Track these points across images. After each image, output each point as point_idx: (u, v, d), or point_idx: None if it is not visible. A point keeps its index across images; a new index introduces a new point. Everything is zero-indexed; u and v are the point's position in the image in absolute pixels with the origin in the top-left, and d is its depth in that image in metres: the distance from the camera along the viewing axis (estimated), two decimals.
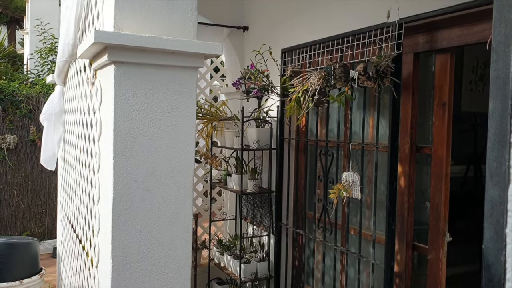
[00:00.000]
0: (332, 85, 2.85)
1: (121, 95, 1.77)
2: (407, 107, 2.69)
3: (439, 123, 2.55)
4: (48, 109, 3.35)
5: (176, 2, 1.87)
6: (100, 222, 1.99)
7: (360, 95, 2.90)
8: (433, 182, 2.58)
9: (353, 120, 3.05)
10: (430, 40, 2.58)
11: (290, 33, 3.71)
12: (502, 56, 0.80)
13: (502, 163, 0.81)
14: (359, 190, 2.77)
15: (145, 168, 1.79)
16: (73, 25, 2.50)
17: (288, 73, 3.20)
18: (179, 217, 1.87)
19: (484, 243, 0.84)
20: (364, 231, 2.91)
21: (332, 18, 3.28)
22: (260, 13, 4.23)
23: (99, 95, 1.99)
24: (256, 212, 4.00)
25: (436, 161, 2.57)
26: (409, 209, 2.70)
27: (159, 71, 1.82)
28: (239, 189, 3.71)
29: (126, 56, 1.75)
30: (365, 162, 2.90)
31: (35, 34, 7.19)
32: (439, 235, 2.54)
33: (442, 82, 2.55)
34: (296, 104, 3.02)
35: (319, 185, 3.35)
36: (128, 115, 1.77)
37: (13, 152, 5.45)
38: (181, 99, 1.88)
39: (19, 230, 5.53)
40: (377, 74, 2.57)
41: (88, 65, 2.28)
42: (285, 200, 3.66)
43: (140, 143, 1.79)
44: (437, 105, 2.58)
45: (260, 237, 3.93)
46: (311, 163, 3.51)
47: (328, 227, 3.09)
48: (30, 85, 5.99)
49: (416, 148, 2.71)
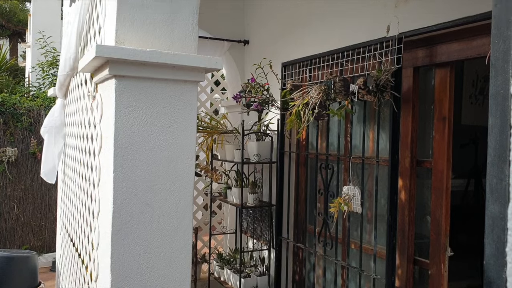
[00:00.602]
0: (332, 99, 2.86)
1: (122, 109, 1.77)
2: (407, 121, 2.69)
3: (439, 137, 2.56)
4: (49, 122, 3.36)
5: (177, 17, 1.88)
6: (99, 236, 1.98)
7: (360, 108, 2.90)
8: (434, 196, 2.57)
9: (354, 134, 3.06)
10: (430, 54, 2.59)
11: (291, 47, 3.74)
12: (501, 72, 0.81)
13: (502, 179, 0.81)
14: (359, 204, 2.76)
15: (145, 181, 1.79)
16: (74, 39, 2.52)
17: (288, 87, 3.22)
18: (179, 231, 1.87)
19: (485, 260, 0.83)
20: (365, 245, 2.89)
21: (332, 32, 3.30)
22: (260, 27, 4.26)
23: (100, 108, 2.00)
24: (256, 226, 3.98)
25: (436, 175, 2.57)
26: (410, 223, 2.69)
27: (160, 85, 1.83)
28: (239, 202, 3.70)
29: (127, 70, 1.76)
30: (365, 176, 2.89)
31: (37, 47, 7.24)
32: (440, 250, 2.53)
33: (442, 96, 2.56)
34: (296, 118, 3.02)
35: (319, 198, 3.34)
36: (129, 128, 1.78)
37: (13, 165, 5.45)
38: (181, 112, 1.88)
39: (18, 243, 5.51)
40: (377, 88, 2.58)
41: (89, 78, 2.30)
42: (286, 214, 3.65)
43: (140, 157, 1.79)
44: (437, 119, 2.58)
45: (261, 251, 3.90)
46: (312, 177, 3.51)
47: (328, 241, 3.07)
48: (32, 98, 6.01)
49: (417, 162, 2.70)
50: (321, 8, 3.42)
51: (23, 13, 15.63)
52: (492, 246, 0.81)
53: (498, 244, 0.80)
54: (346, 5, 3.15)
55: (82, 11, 2.38)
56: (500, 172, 0.80)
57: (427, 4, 2.53)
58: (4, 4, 15.37)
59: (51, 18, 9.09)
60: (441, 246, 2.52)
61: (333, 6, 3.29)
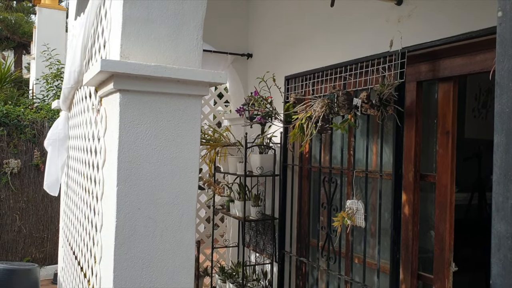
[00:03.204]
0: (336, 113, 2.86)
1: (126, 123, 1.78)
2: (411, 135, 2.69)
3: (443, 151, 2.55)
4: (52, 135, 3.37)
5: (182, 32, 1.89)
6: (102, 250, 1.98)
7: (363, 122, 2.90)
8: (438, 211, 2.56)
9: (357, 147, 3.05)
10: (433, 69, 2.60)
11: (294, 61, 3.75)
12: (506, 91, 0.81)
13: (508, 197, 0.81)
14: (363, 218, 2.75)
15: (148, 195, 1.79)
16: (79, 53, 2.54)
17: (291, 100, 3.22)
18: (182, 245, 1.86)
19: (492, 279, 0.83)
20: (369, 260, 2.87)
21: (334, 46, 3.32)
22: (264, 40, 4.29)
23: (104, 122, 2.00)
24: (259, 239, 3.97)
25: (440, 190, 2.56)
26: (413, 238, 2.68)
27: (165, 99, 1.84)
28: (242, 215, 3.68)
29: (132, 85, 1.76)
30: (369, 190, 2.88)
31: (41, 59, 7.29)
32: (444, 265, 2.51)
33: (445, 110, 2.56)
34: (299, 131, 3.03)
35: (322, 212, 3.33)
36: (133, 142, 1.78)
37: (16, 177, 5.45)
38: (185, 126, 1.89)
39: (20, 256, 5.49)
40: (380, 102, 2.58)
41: (93, 92, 2.31)
42: (289, 227, 3.63)
43: (144, 171, 1.79)
44: (440, 134, 2.58)
45: (263, 265, 3.88)
46: (315, 190, 3.50)
47: (332, 255, 3.05)
48: (35, 110, 6.04)
49: (420, 176, 2.70)
50: (324, 23, 3.44)
51: (28, 25, 15.78)
52: (499, 265, 0.81)
53: (504, 263, 0.80)
54: (349, 19, 3.17)
55: (88, 25, 2.40)
56: (506, 191, 0.80)
57: (430, 19, 2.54)
58: (10, 16, 15.52)
59: (56, 30, 9.17)
60: (445, 261, 2.50)
61: (335, 20, 3.31)
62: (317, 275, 3.30)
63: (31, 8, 16.92)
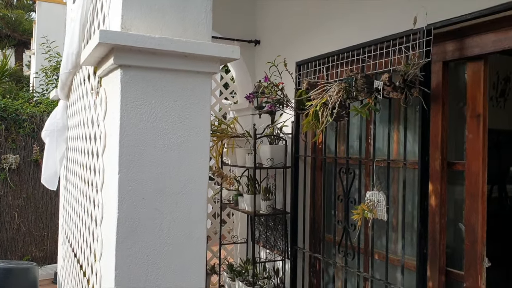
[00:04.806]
0: (354, 97, 2.67)
1: (128, 103, 1.59)
2: (437, 119, 2.48)
3: (473, 137, 2.34)
4: (50, 125, 3.17)
5: (189, 3, 1.71)
6: (102, 246, 1.79)
7: (384, 107, 2.70)
8: (468, 202, 2.35)
9: (376, 135, 2.83)
10: (461, 47, 2.39)
11: (305, 46, 3.54)
12: None
13: None
14: (385, 211, 2.55)
15: (154, 184, 1.60)
16: (77, 33, 2.34)
17: (304, 86, 3.02)
18: (192, 240, 1.67)
19: None
20: (391, 256, 2.67)
21: (350, 28, 3.11)
22: (272, 26, 4.08)
23: (103, 104, 1.82)
24: (269, 235, 3.76)
25: (470, 178, 2.35)
26: (441, 231, 2.47)
27: (171, 77, 1.65)
28: (251, 210, 3.49)
29: (134, 59, 1.58)
30: (390, 180, 2.67)
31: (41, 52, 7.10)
32: (476, 260, 2.30)
33: (475, 92, 2.35)
34: (314, 119, 2.83)
35: (338, 205, 3.12)
36: (136, 124, 1.59)
37: (15, 173, 5.26)
38: (194, 107, 1.70)
39: (19, 254, 5.30)
40: (404, 84, 2.38)
41: (92, 73, 2.12)
42: (301, 222, 3.43)
43: (148, 156, 1.60)
44: (470, 117, 2.37)
45: (274, 262, 3.68)
46: (329, 182, 3.30)
47: (349, 251, 2.85)
48: (35, 104, 5.85)
49: (447, 164, 2.49)
50: (339, 2, 3.23)
51: (28, 22, 15.58)
52: None
53: None
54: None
55: (86, 2, 2.20)
56: None
57: None
58: (10, 13, 15.34)
59: (55, 24, 8.96)
60: (477, 256, 2.29)
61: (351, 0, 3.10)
62: (333, 272, 3.09)
63: (31, 6, 16.75)
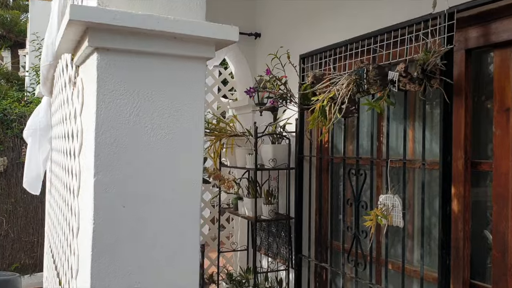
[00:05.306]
0: (365, 91, 2.41)
1: (106, 93, 1.34)
2: (459, 114, 2.22)
3: (502, 133, 2.08)
4: (32, 124, 2.91)
5: None
6: (79, 261, 1.53)
7: (398, 102, 2.44)
8: (496, 206, 2.09)
9: (389, 133, 2.57)
10: (486, 32, 2.13)
11: (309, 38, 3.28)
12: None
13: None
14: (401, 216, 2.28)
15: (136, 189, 1.34)
16: (56, 20, 2.09)
17: (309, 80, 2.77)
18: (183, 253, 1.41)
19: None
20: (407, 266, 2.40)
21: (358, 16, 2.85)
22: (274, 18, 3.82)
23: (80, 96, 1.56)
24: (271, 242, 3.50)
25: (499, 180, 2.09)
26: (465, 239, 2.21)
27: (157, 62, 1.40)
28: (252, 215, 3.23)
29: (113, 41, 1.32)
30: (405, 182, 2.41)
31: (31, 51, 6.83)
32: (506, 272, 2.03)
33: (504, 83, 2.09)
34: (320, 115, 2.57)
35: (347, 210, 2.86)
36: (115, 118, 1.33)
37: (2, 176, 5.00)
38: (185, 98, 1.44)
39: (7, 262, 5.03)
40: (423, 74, 2.12)
41: (70, 62, 1.86)
42: (306, 228, 3.16)
43: (130, 156, 1.34)
44: (497, 111, 2.11)
45: (277, 271, 3.42)
46: (337, 184, 3.03)
47: (360, 260, 2.59)
48: (24, 103, 5.59)
49: (471, 164, 2.23)
50: None
51: (24, 23, 15.32)
52: None
53: None
54: None
55: None
56: None
57: None
58: (5, 14, 15.09)
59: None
60: (507, 268, 2.03)
61: None
62: (341, 283, 2.82)
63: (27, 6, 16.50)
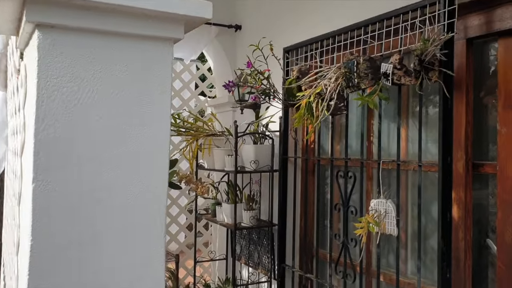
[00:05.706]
0: (355, 86, 2.20)
1: (50, 79, 1.09)
2: (460, 111, 2.02)
3: (508, 131, 1.88)
4: None
5: None
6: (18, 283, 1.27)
7: (390, 98, 2.23)
8: (501, 213, 1.89)
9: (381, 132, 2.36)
10: (489, 19, 1.93)
11: (293, 29, 3.06)
12: None
13: None
14: (395, 224, 2.08)
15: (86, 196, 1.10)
16: None
17: (294, 74, 2.54)
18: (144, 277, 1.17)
19: None
20: (401, 278, 2.19)
21: (348, 4, 2.64)
22: (255, 9, 3.59)
23: (23, 85, 1.30)
24: (252, 251, 3.25)
25: (504, 183, 1.89)
26: (466, 249, 2.00)
27: (114, 43, 1.15)
28: (231, 222, 2.98)
29: (59, 16, 1.08)
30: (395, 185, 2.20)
31: None
32: None
33: (510, 76, 1.89)
34: (307, 112, 2.35)
35: (335, 216, 2.64)
36: (61, 111, 1.09)
37: None
38: (148, 87, 1.20)
39: None
40: (420, 66, 1.91)
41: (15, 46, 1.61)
42: (290, 236, 2.94)
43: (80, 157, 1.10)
44: (502, 107, 1.91)
45: (259, 283, 3.18)
46: (324, 188, 2.81)
47: (349, 271, 2.37)
48: None
49: (472, 166, 2.02)
50: None
51: None
52: None
53: None
54: None
55: None
56: None
57: None
58: None
59: None
60: None
61: None
62: None
63: None
